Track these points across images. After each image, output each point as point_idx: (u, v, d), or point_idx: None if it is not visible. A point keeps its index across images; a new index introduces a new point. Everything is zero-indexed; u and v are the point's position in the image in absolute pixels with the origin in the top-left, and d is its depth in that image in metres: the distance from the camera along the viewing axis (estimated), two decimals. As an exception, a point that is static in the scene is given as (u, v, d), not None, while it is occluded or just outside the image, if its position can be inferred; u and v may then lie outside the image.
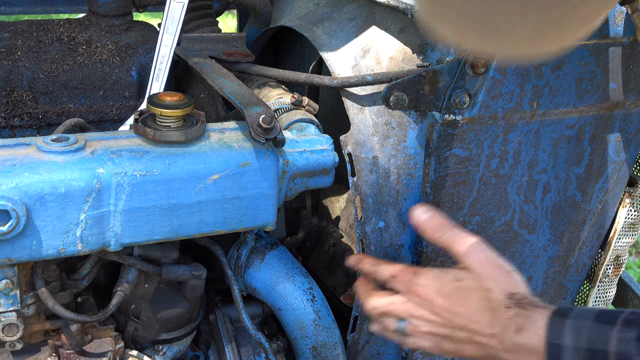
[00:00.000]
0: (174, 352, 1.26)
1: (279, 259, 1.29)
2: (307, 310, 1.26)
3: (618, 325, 0.96)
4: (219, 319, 1.31)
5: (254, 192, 1.13)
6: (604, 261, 1.52)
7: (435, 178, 1.22)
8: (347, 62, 1.32)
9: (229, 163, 1.10)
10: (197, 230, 1.12)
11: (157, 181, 1.06)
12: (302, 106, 1.32)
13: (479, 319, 1.11)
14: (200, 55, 1.38)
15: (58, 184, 0.99)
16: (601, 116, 1.31)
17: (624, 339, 0.94)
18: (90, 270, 1.17)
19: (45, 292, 1.07)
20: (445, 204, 1.25)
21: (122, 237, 1.06)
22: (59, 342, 1.14)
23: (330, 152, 1.22)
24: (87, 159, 1.03)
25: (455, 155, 1.21)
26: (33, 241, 1.00)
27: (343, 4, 1.46)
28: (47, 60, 1.32)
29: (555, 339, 1.00)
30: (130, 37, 1.39)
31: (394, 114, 1.25)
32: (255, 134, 1.08)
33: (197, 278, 1.20)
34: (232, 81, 1.24)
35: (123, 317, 1.22)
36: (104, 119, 1.37)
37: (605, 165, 1.38)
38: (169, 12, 1.34)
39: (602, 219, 1.46)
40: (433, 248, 1.29)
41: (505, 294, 1.10)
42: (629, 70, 1.28)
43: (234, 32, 1.58)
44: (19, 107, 1.31)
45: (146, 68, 1.37)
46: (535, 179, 1.32)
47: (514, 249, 1.39)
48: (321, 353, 1.28)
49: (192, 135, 1.10)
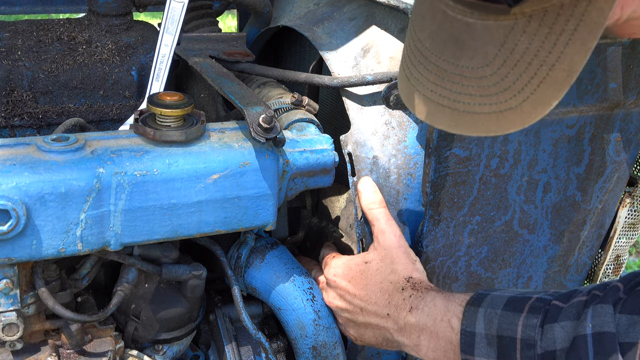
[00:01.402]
0: (174, 352, 1.26)
1: (279, 258, 1.29)
2: (307, 310, 1.26)
3: (524, 312, 1.01)
4: (219, 319, 1.31)
5: (254, 192, 1.13)
6: (604, 261, 1.52)
7: (435, 178, 1.22)
8: (347, 62, 1.32)
9: (229, 163, 1.10)
10: (197, 230, 1.12)
11: (157, 181, 1.06)
12: (302, 106, 1.32)
13: (375, 301, 1.17)
14: (201, 55, 1.38)
15: (58, 183, 0.99)
16: (601, 116, 1.31)
17: (529, 325, 0.99)
18: (90, 270, 1.17)
19: (45, 292, 1.07)
20: (446, 203, 1.25)
21: (122, 237, 1.06)
22: (59, 341, 1.14)
23: (330, 152, 1.22)
24: (87, 158, 1.03)
25: (456, 155, 1.21)
26: (33, 241, 1.00)
27: (343, 4, 1.46)
28: (47, 60, 1.32)
29: (469, 327, 1.04)
30: (131, 36, 1.39)
31: (394, 113, 1.25)
32: (256, 133, 1.08)
33: (197, 278, 1.20)
34: (232, 81, 1.24)
35: (123, 316, 1.22)
36: (104, 118, 1.37)
37: (605, 165, 1.38)
38: (169, 12, 1.34)
39: (602, 218, 1.46)
40: (433, 248, 1.29)
41: (404, 277, 1.16)
42: (629, 70, 1.28)
43: (234, 32, 1.58)
44: (19, 106, 1.31)
45: (146, 68, 1.37)
46: (535, 179, 1.32)
47: (514, 248, 1.39)
48: (321, 353, 1.28)
49: (192, 135, 1.10)
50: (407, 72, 0.75)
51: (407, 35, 0.77)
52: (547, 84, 0.65)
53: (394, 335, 1.14)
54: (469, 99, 0.69)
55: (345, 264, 1.23)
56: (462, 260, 1.34)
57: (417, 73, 0.73)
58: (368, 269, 1.20)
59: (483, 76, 0.67)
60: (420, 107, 0.73)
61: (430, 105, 0.72)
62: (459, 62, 0.69)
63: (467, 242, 1.32)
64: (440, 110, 0.71)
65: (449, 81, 0.70)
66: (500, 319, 1.02)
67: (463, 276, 1.37)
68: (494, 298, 1.05)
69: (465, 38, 0.67)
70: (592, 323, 0.92)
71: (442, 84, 0.70)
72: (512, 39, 0.65)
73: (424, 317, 1.10)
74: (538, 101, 0.66)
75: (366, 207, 1.23)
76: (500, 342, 1.01)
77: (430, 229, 1.27)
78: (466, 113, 0.69)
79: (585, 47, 0.63)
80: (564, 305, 0.99)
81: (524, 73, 0.65)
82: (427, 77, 0.71)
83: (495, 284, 1.41)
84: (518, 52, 0.65)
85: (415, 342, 1.11)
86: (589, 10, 0.62)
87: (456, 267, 1.34)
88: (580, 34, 0.63)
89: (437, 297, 1.11)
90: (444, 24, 0.69)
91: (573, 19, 0.62)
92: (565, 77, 0.64)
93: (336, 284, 1.22)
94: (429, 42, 0.71)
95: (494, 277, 1.41)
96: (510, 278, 1.43)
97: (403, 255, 1.19)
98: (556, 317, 0.97)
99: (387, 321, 1.15)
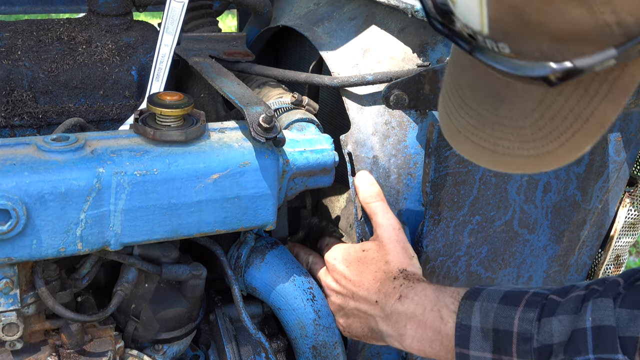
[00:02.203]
0: (174, 352, 1.26)
1: (279, 258, 1.29)
2: (307, 310, 1.26)
3: (521, 306, 1.01)
4: (219, 319, 1.31)
5: (254, 192, 1.13)
6: (604, 261, 1.52)
7: (435, 177, 1.22)
8: (347, 62, 1.32)
9: (229, 162, 1.10)
10: (197, 230, 1.12)
11: (157, 180, 1.06)
12: (302, 106, 1.32)
13: (367, 287, 1.18)
14: (200, 54, 1.38)
15: (58, 183, 0.99)
16: (601, 116, 1.31)
17: (526, 319, 1.00)
18: (90, 270, 1.17)
19: (45, 292, 1.06)
20: (446, 203, 1.25)
21: (122, 237, 1.06)
22: (59, 341, 1.14)
23: (330, 152, 1.22)
24: (87, 158, 1.03)
25: (456, 154, 1.21)
26: (33, 241, 1.00)
27: (343, 4, 1.46)
28: (47, 60, 1.32)
29: (464, 321, 1.05)
30: (131, 36, 1.39)
31: (394, 113, 1.25)
32: (256, 133, 1.08)
33: (197, 278, 1.20)
34: (232, 81, 1.24)
35: (123, 316, 1.22)
36: (104, 118, 1.37)
37: (605, 165, 1.38)
38: (169, 12, 1.34)
39: (602, 218, 1.46)
40: (433, 248, 1.29)
41: (398, 268, 1.17)
42: (629, 69, 1.28)
43: (234, 32, 1.58)
44: (19, 106, 1.31)
45: (146, 68, 1.37)
46: (535, 179, 1.32)
47: (514, 248, 1.39)
48: (321, 353, 1.28)
49: (192, 134, 1.10)
50: (449, 112, 0.79)
51: (446, 76, 0.81)
52: (580, 134, 0.70)
53: (378, 323, 1.15)
54: (509, 143, 0.73)
55: (346, 249, 1.25)
56: (462, 260, 1.34)
57: (457, 116, 0.77)
58: (365, 256, 1.21)
59: (522, 126, 0.72)
60: (462, 146, 0.78)
61: (472, 146, 0.77)
62: (498, 112, 0.73)
63: (467, 241, 1.32)
64: (481, 150, 0.76)
65: (489, 127, 0.74)
66: (497, 312, 1.02)
67: (463, 276, 1.37)
68: (490, 292, 1.06)
69: (505, 94, 0.72)
70: (592, 317, 0.93)
71: (482, 129, 0.75)
72: (550, 98, 0.70)
73: (413, 305, 1.10)
74: (572, 147, 0.71)
75: (364, 201, 1.24)
76: (496, 335, 1.01)
77: (430, 229, 1.27)
78: (506, 155, 0.74)
79: (617, 105, 0.69)
80: (561, 300, 0.99)
81: (560, 125, 0.70)
82: (468, 121, 0.76)
83: (495, 283, 1.41)
84: (554, 109, 0.70)
85: (401, 332, 1.11)
86: (622, 76, 0.67)
87: (456, 266, 1.34)
88: (613, 94, 0.68)
89: (428, 288, 1.11)
90: (484, 78, 0.73)
91: (606, 83, 0.67)
92: (597, 128, 0.70)
93: (334, 268, 1.24)
94: (469, 91, 0.76)
95: (494, 277, 1.41)
96: (510, 278, 1.43)
97: (400, 250, 1.20)
98: (553, 311, 0.98)
99: (375, 308, 1.15)
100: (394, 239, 1.20)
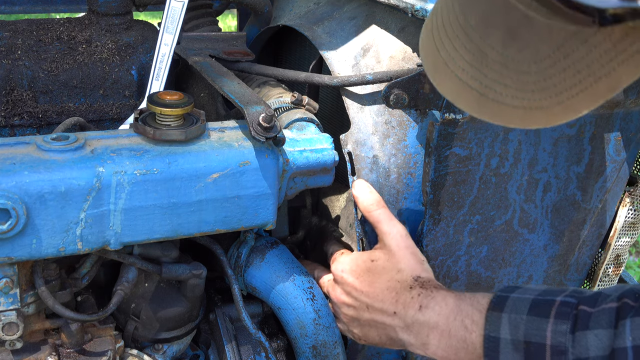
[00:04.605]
0: (174, 351, 1.26)
1: (279, 258, 1.29)
2: (307, 310, 1.26)
3: (552, 318, 0.99)
4: (219, 318, 1.31)
5: (254, 191, 1.13)
6: (604, 260, 1.52)
7: (435, 177, 1.22)
8: (347, 61, 1.32)
9: (229, 162, 1.10)
10: (197, 229, 1.12)
11: (157, 180, 1.06)
12: (302, 105, 1.32)
13: (383, 298, 1.16)
14: (200, 54, 1.38)
15: (58, 182, 0.99)
16: (601, 115, 1.31)
17: (559, 331, 0.97)
18: (90, 269, 1.17)
19: (45, 291, 1.06)
20: (446, 203, 1.25)
21: (122, 236, 1.06)
22: (58, 341, 1.14)
23: (330, 151, 1.22)
24: (87, 157, 1.03)
25: (456, 154, 1.21)
26: (33, 240, 1.00)
27: (343, 3, 1.46)
28: (47, 59, 1.32)
29: (493, 332, 1.03)
30: (131, 36, 1.39)
31: (394, 112, 1.25)
32: (255, 132, 1.08)
33: (197, 277, 1.20)
34: (232, 80, 1.24)
35: (123, 316, 1.22)
36: (104, 118, 1.37)
37: (605, 165, 1.38)
38: (169, 12, 1.33)
39: (602, 218, 1.46)
40: (433, 247, 1.29)
41: (412, 276, 1.15)
42: (629, 69, 1.28)
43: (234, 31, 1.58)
44: (19, 106, 1.31)
45: (146, 67, 1.37)
46: (535, 178, 1.32)
47: (514, 248, 1.39)
48: (321, 352, 1.28)
49: (192, 134, 1.10)
50: (438, 43, 0.70)
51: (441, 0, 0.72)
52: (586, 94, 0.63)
53: (399, 333, 1.13)
54: (503, 89, 0.66)
55: (353, 260, 1.23)
56: (462, 260, 1.34)
57: (451, 47, 0.68)
58: (375, 267, 1.19)
59: (527, 72, 0.65)
60: (445, 83, 0.70)
61: (458, 84, 0.68)
62: (505, 51, 0.65)
63: (467, 241, 1.32)
64: (468, 91, 0.68)
65: (487, 67, 0.66)
66: (527, 324, 1.00)
67: (463, 275, 1.37)
68: (516, 302, 1.03)
69: (520, 30, 0.64)
70: (632, 336, 0.91)
71: (478, 67, 0.67)
72: (571, 44, 0.62)
73: (435, 315, 1.09)
74: (570, 107, 0.64)
75: (365, 210, 1.22)
76: (528, 348, 0.99)
77: (430, 228, 1.27)
78: (494, 101, 0.66)
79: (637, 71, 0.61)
80: (592, 311, 0.97)
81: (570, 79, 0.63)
82: (463, 55, 0.67)
83: (496, 283, 1.41)
84: (571, 59, 0.62)
85: (424, 341, 1.10)
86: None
87: (456, 266, 1.34)
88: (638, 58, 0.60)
89: (448, 296, 1.09)
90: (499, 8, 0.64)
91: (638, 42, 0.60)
92: (605, 92, 0.62)
93: (343, 280, 1.21)
94: (476, 21, 0.66)
95: (494, 277, 1.40)
96: (511, 277, 1.43)
97: (410, 256, 1.18)
98: (587, 324, 0.96)
99: (394, 319, 1.13)
100: (403, 246, 1.19)
